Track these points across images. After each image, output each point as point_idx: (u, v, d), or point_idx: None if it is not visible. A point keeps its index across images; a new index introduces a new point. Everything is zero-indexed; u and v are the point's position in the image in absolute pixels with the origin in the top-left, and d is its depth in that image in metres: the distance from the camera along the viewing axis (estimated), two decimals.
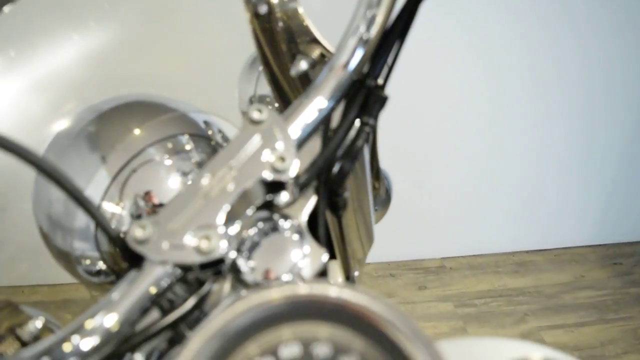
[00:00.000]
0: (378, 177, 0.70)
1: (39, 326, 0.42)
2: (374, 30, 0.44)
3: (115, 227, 0.45)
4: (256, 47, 0.54)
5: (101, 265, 0.48)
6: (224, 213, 0.37)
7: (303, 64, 0.51)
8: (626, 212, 2.48)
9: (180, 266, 0.36)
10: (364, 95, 0.47)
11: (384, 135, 0.63)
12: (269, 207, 0.42)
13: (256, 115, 0.41)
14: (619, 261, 2.44)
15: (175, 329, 0.38)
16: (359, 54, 0.44)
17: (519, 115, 2.12)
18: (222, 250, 0.36)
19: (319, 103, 0.43)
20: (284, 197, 0.41)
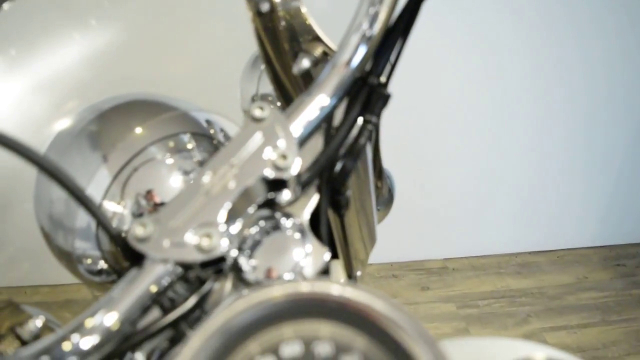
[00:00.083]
0: (381, 177, 0.70)
1: (39, 325, 0.42)
2: (376, 28, 0.44)
3: (116, 226, 0.44)
4: (258, 46, 0.54)
5: (102, 264, 0.47)
6: (225, 211, 0.37)
7: (305, 62, 0.51)
8: (629, 213, 2.48)
9: (181, 264, 0.36)
10: (367, 93, 0.46)
11: (386, 136, 0.63)
12: (270, 205, 0.41)
13: (258, 112, 0.41)
14: (622, 262, 2.44)
15: (176, 328, 0.37)
16: (362, 52, 0.44)
17: (521, 115, 2.12)
18: (223, 248, 0.36)
19: (321, 101, 0.43)
20: (285, 196, 0.41)
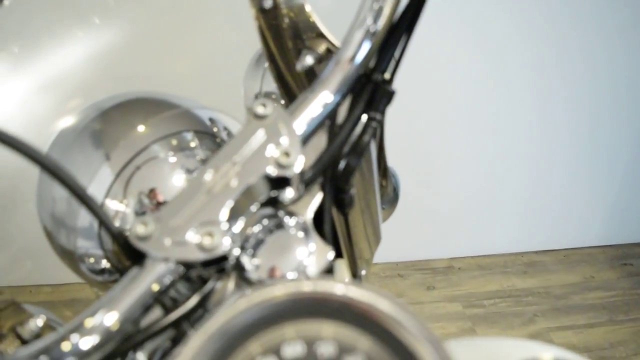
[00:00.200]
0: (385, 175, 0.69)
1: (39, 324, 0.41)
2: (381, 23, 0.43)
3: (119, 225, 0.44)
4: (262, 43, 0.53)
5: (105, 263, 0.47)
6: (227, 209, 0.36)
7: (309, 59, 0.50)
8: (636, 212, 2.47)
9: (182, 263, 0.35)
10: (371, 89, 0.46)
11: (391, 135, 0.62)
12: (273, 203, 0.41)
13: (260, 109, 0.40)
14: (629, 262, 2.43)
15: (178, 328, 0.37)
16: (366, 47, 0.43)
17: (527, 115, 2.11)
18: (225, 247, 0.35)
19: (325, 97, 0.43)
20: (289, 194, 0.40)
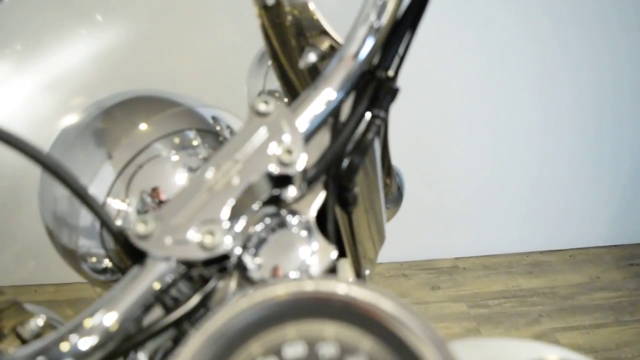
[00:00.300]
0: (390, 174, 0.69)
1: (40, 324, 0.41)
2: (384, 19, 0.43)
3: (122, 224, 0.44)
4: (264, 41, 0.53)
5: (107, 262, 0.47)
6: (229, 208, 0.36)
7: (312, 56, 0.50)
8: None
9: (183, 262, 0.35)
10: (375, 87, 0.45)
11: (395, 135, 0.62)
12: (276, 202, 0.40)
13: (262, 107, 0.40)
14: (635, 262, 2.42)
15: (180, 328, 0.37)
16: (370, 44, 0.43)
17: (532, 114, 2.10)
18: (227, 246, 0.35)
19: (328, 95, 0.42)
20: (291, 192, 0.40)
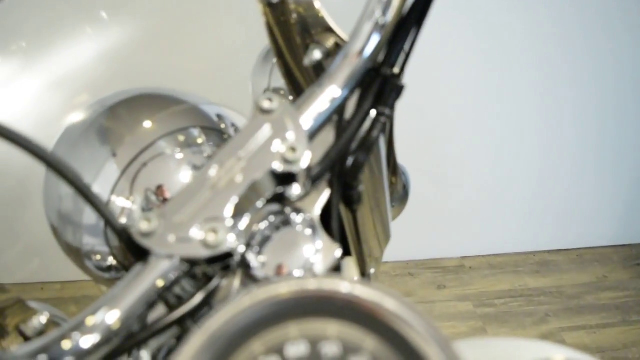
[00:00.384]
0: (395, 172, 0.69)
1: (43, 322, 0.41)
2: (390, 15, 0.42)
3: (124, 221, 0.44)
4: (269, 39, 0.53)
5: (111, 260, 0.47)
6: (232, 205, 0.36)
7: (317, 54, 0.49)
8: None
9: (186, 260, 0.34)
10: (380, 84, 0.45)
11: (402, 135, 0.61)
12: (280, 200, 0.40)
13: (266, 104, 0.39)
14: None
15: (183, 326, 0.36)
16: (375, 41, 0.42)
17: (538, 114, 2.09)
18: (230, 244, 0.34)
19: (333, 92, 0.42)
20: (295, 190, 0.40)
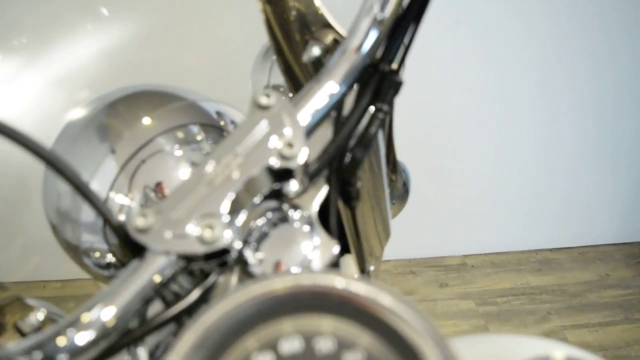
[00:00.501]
0: (395, 170, 0.68)
1: (40, 318, 0.41)
2: (388, 11, 0.42)
3: (123, 218, 0.44)
4: (269, 36, 0.52)
5: (110, 257, 0.47)
6: (229, 201, 0.35)
7: (315, 50, 0.49)
8: None
9: (183, 256, 0.34)
10: (378, 80, 0.45)
11: (404, 133, 0.61)
12: (278, 196, 0.40)
13: (264, 100, 0.39)
14: None
15: (180, 322, 0.36)
16: (373, 36, 0.42)
17: (542, 111, 2.09)
18: (226, 240, 0.34)
19: (331, 88, 0.41)
20: (293, 187, 0.40)
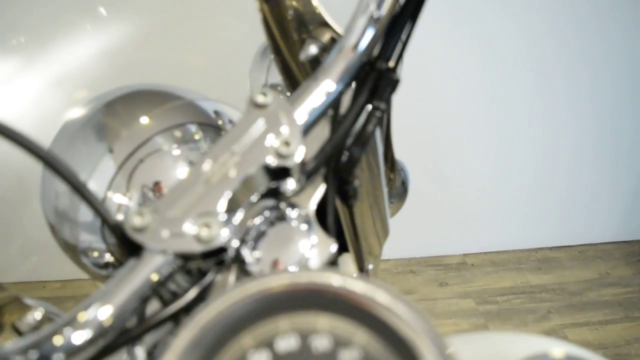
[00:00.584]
0: (393, 168, 0.68)
1: (37, 318, 0.40)
2: (384, 9, 0.42)
3: (121, 218, 0.43)
4: (266, 35, 0.52)
5: (108, 257, 0.47)
6: (226, 200, 0.35)
7: (313, 49, 0.49)
8: None
9: (180, 255, 0.34)
10: (375, 78, 0.45)
11: (403, 131, 0.61)
12: (275, 195, 0.40)
13: (260, 98, 0.39)
14: None
15: (177, 321, 0.36)
16: (369, 35, 0.42)
17: (542, 110, 2.09)
18: (223, 238, 0.34)
19: (327, 86, 0.41)
20: (290, 185, 0.40)
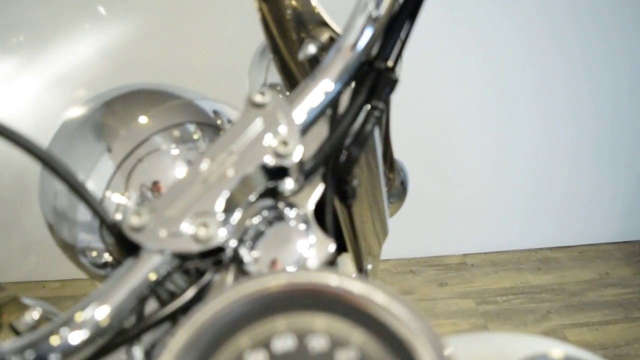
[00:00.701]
0: (392, 168, 0.68)
1: (35, 317, 0.40)
2: (383, 8, 0.42)
3: (115, 215, 0.43)
4: (265, 35, 0.52)
5: (107, 257, 0.46)
6: (223, 200, 0.35)
7: (311, 48, 0.49)
8: None
9: (177, 255, 0.34)
10: (374, 77, 0.44)
11: (403, 131, 0.61)
12: (273, 195, 0.40)
13: (258, 98, 0.39)
14: None
15: (175, 321, 0.36)
16: (368, 34, 0.42)
17: (542, 110, 2.09)
18: (221, 238, 0.34)
19: (326, 86, 0.41)
20: (289, 185, 0.39)
